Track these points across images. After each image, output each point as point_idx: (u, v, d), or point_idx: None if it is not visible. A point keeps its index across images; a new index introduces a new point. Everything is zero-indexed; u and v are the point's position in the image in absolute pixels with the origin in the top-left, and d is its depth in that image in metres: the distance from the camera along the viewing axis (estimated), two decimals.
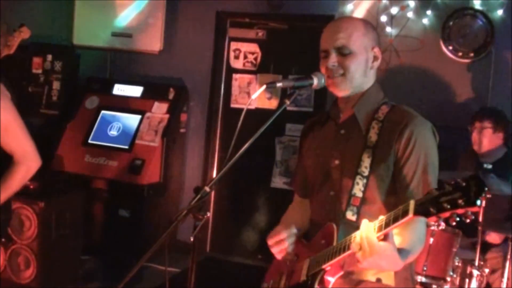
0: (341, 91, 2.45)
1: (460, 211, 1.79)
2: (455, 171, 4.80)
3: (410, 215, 1.92)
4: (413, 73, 5.85)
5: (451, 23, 5.58)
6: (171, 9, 6.75)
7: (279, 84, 2.33)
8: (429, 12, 5.70)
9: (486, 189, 1.75)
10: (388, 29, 5.84)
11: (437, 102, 5.76)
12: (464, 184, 1.78)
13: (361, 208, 2.34)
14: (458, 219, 1.82)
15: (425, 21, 5.72)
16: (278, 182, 6.54)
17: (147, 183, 6.19)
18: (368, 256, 2.05)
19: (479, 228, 4.18)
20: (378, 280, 2.36)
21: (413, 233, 2.27)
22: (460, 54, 5.60)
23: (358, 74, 2.43)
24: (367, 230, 2.07)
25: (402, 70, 5.87)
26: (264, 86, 2.31)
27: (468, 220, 1.79)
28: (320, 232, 2.43)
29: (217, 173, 2.35)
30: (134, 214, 6.21)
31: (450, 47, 5.62)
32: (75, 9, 6.98)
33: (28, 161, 3.09)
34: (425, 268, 4.16)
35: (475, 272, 4.22)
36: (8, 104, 3.06)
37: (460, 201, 1.77)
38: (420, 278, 4.18)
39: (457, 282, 4.30)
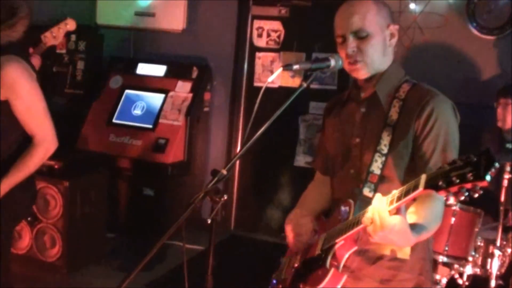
0: (364, 75, 2.44)
1: (468, 185, 1.77)
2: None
3: (421, 188, 1.91)
4: (437, 50, 5.78)
5: None
6: None
7: (295, 66, 2.31)
8: None
9: (497, 164, 1.72)
10: (412, 6, 5.77)
11: (461, 79, 5.70)
12: (475, 159, 1.77)
13: (379, 185, 2.33)
14: (466, 193, 1.80)
15: None
16: (302, 160, 6.53)
17: (171, 162, 6.22)
18: (379, 230, 2.03)
19: (501, 208, 4.15)
20: (392, 251, 2.37)
21: (429, 211, 2.26)
22: (484, 30, 5.53)
23: (377, 55, 2.41)
24: (379, 204, 2.06)
25: (426, 47, 5.80)
26: (281, 69, 2.31)
27: (476, 195, 1.77)
28: (338, 209, 2.45)
29: (237, 154, 2.34)
30: (158, 192, 6.26)
31: (475, 24, 5.55)
32: None
33: (47, 143, 3.11)
34: (446, 248, 4.15)
35: (497, 252, 4.18)
36: (34, 85, 3.10)
37: (469, 175, 1.75)
38: (442, 258, 4.18)
39: (479, 262, 4.28)
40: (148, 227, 5.85)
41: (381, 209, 2.04)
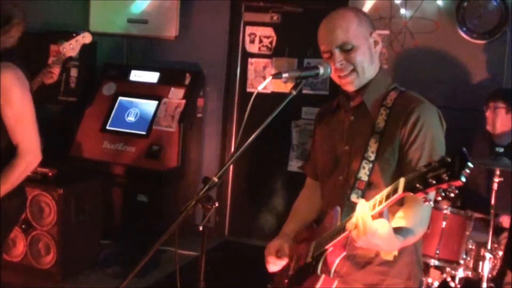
0: (355, 86, 2.47)
1: (444, 185, 1.81)
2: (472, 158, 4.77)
3: (400, 191, 1.96)
4: (428, 55, 5.82)
5: (465, 4, 5.55)
6: None
7: (285, 75, 2.33)
8: None
9: (471, 164, 1.75)
10: (403, 11, 5.82)
11: (452, 83, 5.74)
12: (449, 160, 1.80)
13: (366, 191, 2.36)
14: (443, 194, 1.84)
15: (440, 2, 5.69)
16: (295, 165, 6.57)
17: (165, 168, 6.25)
18: (362, 234, 2.06)
19: (492, 211, 4.19)
20: (376, 254, 2.40)
21: (415, 215, 2.29)
22: (475, 35, 5.57)
23: (366, 64, 2.44)
24: (362, 210, 2.09)
25: (417, 52, 5.84)
26: (270, 77, 2.33)
27: (452, 195, 1.82)
28: (327, 216, 2.49)
29: (228, 161, 2.37)
30: (152, 199, 6.28)
31: (465, 29, 5.59)
32: None
33: (30, 155, 3.08)
34: (437, 252, 4.18)
35: (488, 255, 4.22)
36: (26, 94, 3.10)
37: (444, 176, 1.79)
38: (433, 262, 4.20)
39: (471, 264, 4.31)
40: (142, 233, 5.84)
41: (364, 214, 2.07)
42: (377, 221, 2.07)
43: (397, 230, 2.19)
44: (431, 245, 4.16)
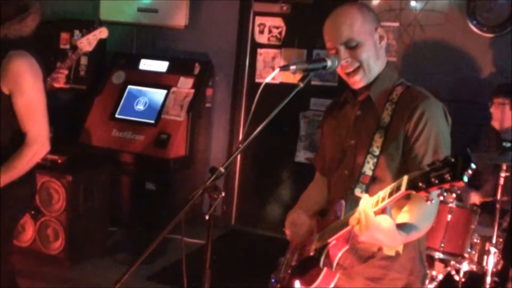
0: (362, 83, 2.49)
1: (446, 185, 1.82)
2: (479, 153, 4.77)
3: (402, 190, 1.97)
4: (438, 47, 5.81)
5: None
6: None
7: (292, 67, 2.35)
8: None
9: (474, 165, 1.76)
10: (413, 3, 5.81)
11: (461, 77, 5.74)
12: (452, 160, 1.81)
13: (370, 185, 2.38)
14: (445, 194, 1.85)
15: None
16: (302, 156, 6.59)
17: (173, 157, 6.28)
18: (364, 229, 2.09)
19: (497, 206, 4.20)
20: (379, 248, 2.43)
21: (421, 211, 2.31)
22: (484, 28, 5.56)
23: (371, 60, 2.46)
24: (365, 205, 2.11)
25: (427, 44, 5.84)
26: (278, 70, 2.35)
27: (454, 195, 1.83)
28: (331, 209, 2.51)
29: (234, 152, 2.40)
30: (160, 187, 6.32)
31: (475, 22, 5.58)
32: None
33: (37, 145, 3.09)
34: (442, 245, 4.19)
35: (493, 249, 4.22)
36: (38, 83, 3.11)
37: (446, 176, 1.80)
38: (438, 255, 4.22)
39: (475, 258, 4.31)
40: (150, 221, 5.90)
41: (367, 210, 2.10)
42: (379, 217, 2.10)
43: (401, 226, 2.22)
44: (436, 238, 4.17)
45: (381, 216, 2.12)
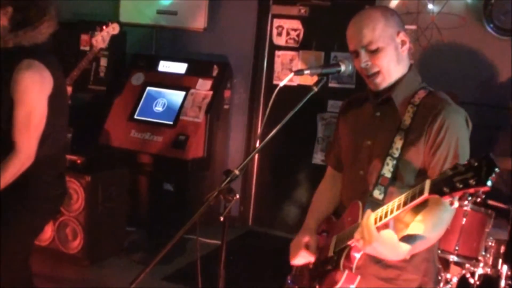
0: (381, 87, 2.50)
1: (471, 190, 1.84)
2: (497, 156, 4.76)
3: (426, 194, 1.99)
4: (455, 50, 5.81)
5: (493, 0, 5.52)
6: None
7: (306, 72, 2.40)
8: None
9: (498, 170, 1.78)
10: (430, 7, 5.80)
11: (478, 80, 5.73)
12: (476, 164, 1.83)
13: (389, 188, 2.39)
14: (470, 198, 1.88)
15: None
16: (319, 158, 6.60)
17: (191, 158, 6.32)
18: (368, 244, 2.15)
19: None
20: None
21: (434, 219, 2.33)
22: (501, 31, 5.54)
23: (392, 65, 2.47)
24: (368, 221, 2.16)
25: (444, 47, 5.83)
26: (292, 74, 2.39)
27: (478, 199, 1.85)
28: (348, 210, 2.52)
29: (250, 155, 2.44)
30: (178, 188, 6.37)
31: (492, 25, 5.56)
32: None
33: (25, 156, 3.04)
34: (457, 248, 4.19)
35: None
36: (42, 99, 3.08)
37: (471, 181, 1.82)
38: (452, 258, 4.22)
39: (490, 262, 4.31)
40: (167, 221, 5.92)
41: (369, 226, 2.15)
42: (383, 232, 2.16)
43: (406, 238, 2.25)
44: (450, 241, 4.17)
45: (385, 231, 2.17)
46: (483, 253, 4.27)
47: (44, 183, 3.17)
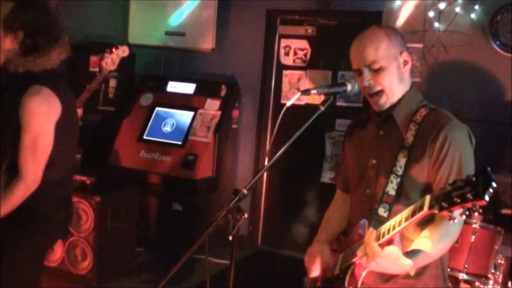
0: (383, 106, 2.53)
1: (468, 204, 1.87)
2: (504, 173, 4.76)
3: (425, 209, 2.03)
4: (462, 68, 5.83)
5: (498, 18, 5.54)
6: (222, 8, 6.87)
7: (313, 91, 2.43)
8: (476, 7, 5.66)
9: (494, 184, 1.81)
10: (436, 25, 5.83)
11: (485, 97, 5.74)
12: (474, 179, 1.86)
13: (393, 205, 2.41)
14: (467, 213, 1.90)
15: (473, 16, 5.69)
16: (328, 177, 6.61)
17: (200, 178, 6.34)
18: (371, 260, 2.19)
19: None
20: None
21: (439, 234, 2.34)
22: (507, 49, 5.54)
23: (394, 84, 2.50)
24: (370, 239, 2.21)
25: (451, 65, 5.85)
26: (299, 94, 2.42)
27: (476, 214, 1.87)
28: (354, 229, 2.54)
29: (258, 174, 2.46)
30: (187, 208, 6.38)
31: (498, 42, 5.58)
32: (130, 10, 7.18)
33: (29, 181, 3.04)
34: (466, 266, 4.18)
35: None
36: (49, 126, 3.07)
37: (469, 195, 1.85)
38: (462, 276, 4.21)
39: (500, 279, 4.30)
40: (177, 241, 5.93)
41: (372, 243, 2.20)
42: (386, 248, 2.19)
43: (410, 253, 2.28)
44: (460, 259, 4.16)
45: (389, 247, 2.20)
46: (493, 270, 4.26)
47: (48, 207, 3.17)
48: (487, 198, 1.82)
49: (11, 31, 3.06)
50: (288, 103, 2.37)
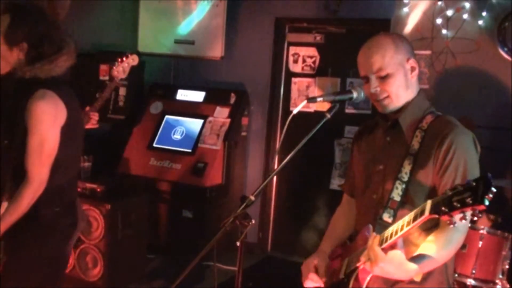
0: (389, 110, 2.55)
1: (468, 209, 1.89)
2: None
3: (426, 214, 2.05)
4: (470, 74, 5.84)
5: (506, 24, 5.56)
6: (231, 16, 6.93)
7: (319, 99, 2.45)
8: (484, 14, 5.68)
9: (494, 189, 1.83)
10: (444, 31, 5.85)
11: (493, 103, 5.74)
12: (474, 184, 1.88)
13: (398, 211, 2.43)
14: (467, 217, 1.92)
15: (481, 22, 5.71)
16: (337, 183, 6.62)
17: (209, 185, 6.38)
18: (375, 265, 2.20)
19: None
20: None
21: (443, 240, 2.35)
22: None
23: (400, 91, 2.52)
24: (373, 243, 2.22)
25: (459, 72, 5.87)
26: (305, 101, 2.44)
27: (475, 218, 1.90)
28: (360, 234, 2.56)
29: (264, 181, 2.48)
30: (197, 215, 6.41)
31: (506, 49, 5.59)
32: (139, 18, 7.26)
33: (36, 185, 3.06)
34: (474, 271, 4.19)
35: None
36: (54, 129, 3.09)
37: (468, 200, 1.87)
38: (470, 281, 4.21)
39: (507, 285, 4.30)
40: (187, 248, 5.98)
41: (375, 248, 2.21)
42: (390, 253, 2.20)
43: (415, 258, 2.28)
44: (467, 264, 4.18)
45: (392, 252, 2.20)
46: (500, 276, 4.27)
47: (54, 213, 3.18)
48: (486, 202, 1.83)
49: (15, 44, 3.09)
50: (295, 111, 2.39)
